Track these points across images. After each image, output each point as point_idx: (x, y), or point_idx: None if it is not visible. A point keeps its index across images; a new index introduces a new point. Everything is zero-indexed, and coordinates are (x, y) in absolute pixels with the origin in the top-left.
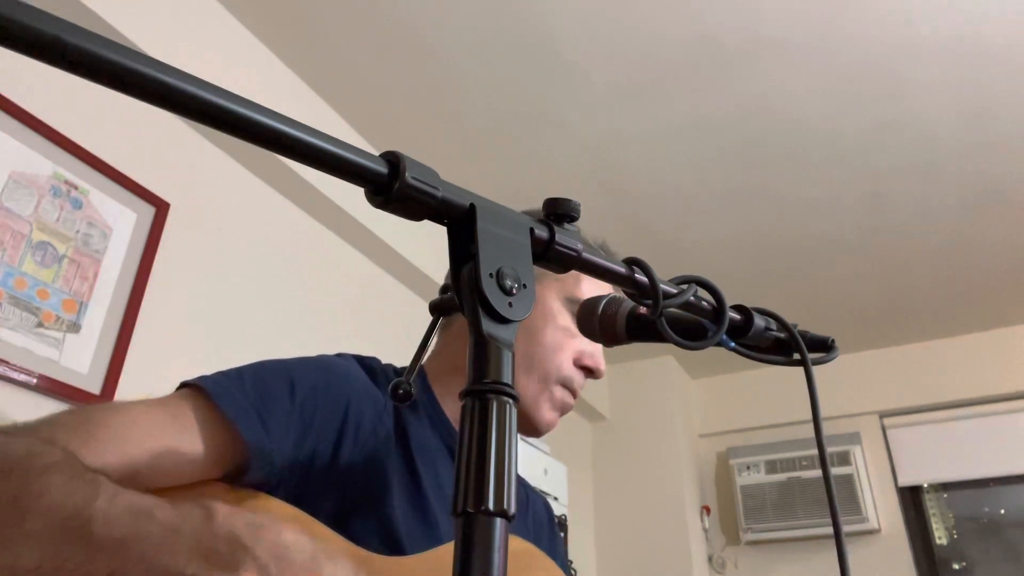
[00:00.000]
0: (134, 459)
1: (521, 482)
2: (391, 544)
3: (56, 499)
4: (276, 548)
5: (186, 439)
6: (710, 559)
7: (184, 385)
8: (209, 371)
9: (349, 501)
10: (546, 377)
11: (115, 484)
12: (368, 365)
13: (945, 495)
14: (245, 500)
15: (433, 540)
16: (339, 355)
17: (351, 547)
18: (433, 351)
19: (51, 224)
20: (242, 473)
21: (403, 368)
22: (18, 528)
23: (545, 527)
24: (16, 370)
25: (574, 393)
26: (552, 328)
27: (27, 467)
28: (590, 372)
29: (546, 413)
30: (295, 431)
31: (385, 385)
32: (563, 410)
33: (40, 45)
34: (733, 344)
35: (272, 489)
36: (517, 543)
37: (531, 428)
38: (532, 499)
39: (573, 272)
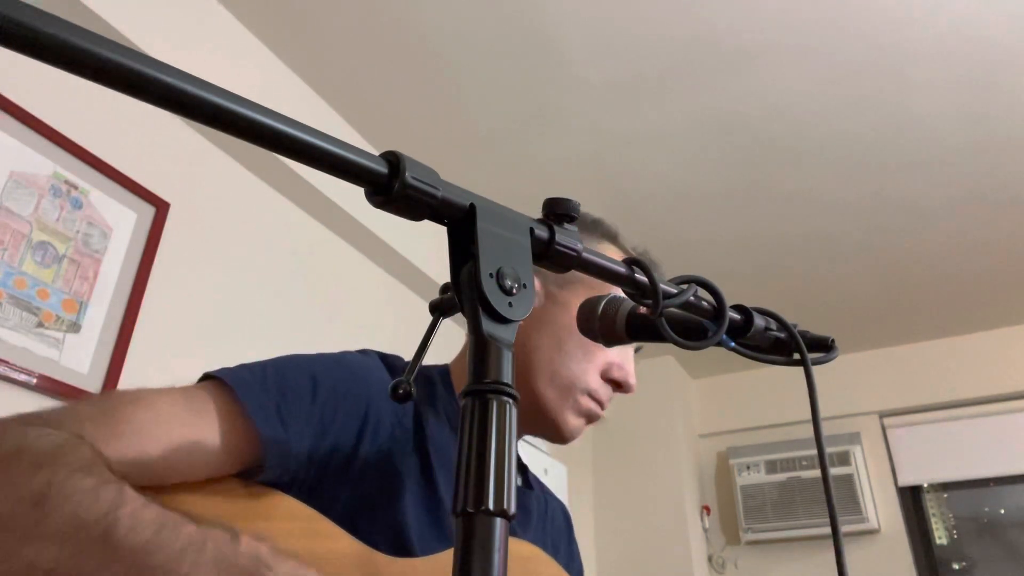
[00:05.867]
0: (153, 455)
1: (540, 486)
2: (399, 545)
3: (83, 502)
4: (298, 570)
5: (206, 436)
6: (710, 559)
7: (207, 376)
8: (209, 370)
9: (362, 500)
10: (569, 386)
11: (142, 496)
12: (391, 364)
13: (945, 495)
14: (258, 496)
15: (446, 542)
16: (362, 351)
17: (358, 546)
18: (460, 351)
19: (51, 224)
20: (258, 470)
21: (429, 367)
22: (41, 526)
23: (563, 534)
24: (16, 370)
25: (601, 404)
26: (579, 336)
27: (57, 465)
28: (618, 386)
29: (571, 420)
30: (314, 430)
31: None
32: (589, 417)
33: (41, 45)
34: (733, 344)
35: (286, 486)
36: (525, 547)
37: (557, 435)
38: (551, 505)
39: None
